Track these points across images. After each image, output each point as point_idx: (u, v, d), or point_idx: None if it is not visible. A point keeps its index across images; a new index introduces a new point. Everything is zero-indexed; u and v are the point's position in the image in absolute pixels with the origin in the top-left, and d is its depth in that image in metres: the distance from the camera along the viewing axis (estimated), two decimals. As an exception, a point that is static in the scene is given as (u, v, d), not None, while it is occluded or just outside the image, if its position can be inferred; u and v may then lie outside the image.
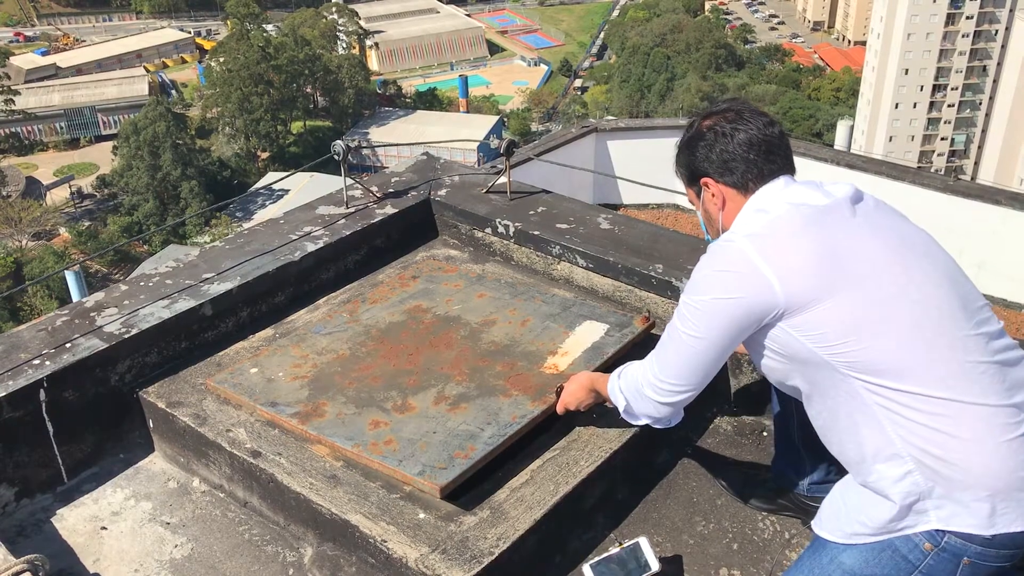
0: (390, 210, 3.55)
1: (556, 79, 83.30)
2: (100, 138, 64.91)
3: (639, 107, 69.19)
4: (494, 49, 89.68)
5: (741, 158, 2.00)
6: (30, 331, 2.77)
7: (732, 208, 2.04)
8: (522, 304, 3.07)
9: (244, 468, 2.52)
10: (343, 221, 3.45)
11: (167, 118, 54.53)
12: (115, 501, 2.62)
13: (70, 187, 58.24)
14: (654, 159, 2.81)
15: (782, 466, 2.51)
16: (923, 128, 70.47)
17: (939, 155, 70.49)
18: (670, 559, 2.38)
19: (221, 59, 61.32)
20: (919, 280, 1.83)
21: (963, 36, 68.47)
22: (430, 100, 73.34)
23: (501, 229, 3.46)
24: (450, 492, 2.31)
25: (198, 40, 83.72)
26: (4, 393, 2.49)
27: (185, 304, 2.89)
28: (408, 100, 74.60)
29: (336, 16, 73.83)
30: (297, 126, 65.48)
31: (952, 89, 70.10)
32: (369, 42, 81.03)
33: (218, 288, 2.99)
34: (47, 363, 2.60)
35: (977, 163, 68.92)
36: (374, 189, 3.68)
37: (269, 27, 67.60)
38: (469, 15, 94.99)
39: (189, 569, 2.39)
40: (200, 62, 74.93)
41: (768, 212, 1.94)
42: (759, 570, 2.36)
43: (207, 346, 2.96)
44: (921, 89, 69.66)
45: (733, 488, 2.61)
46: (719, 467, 2.73)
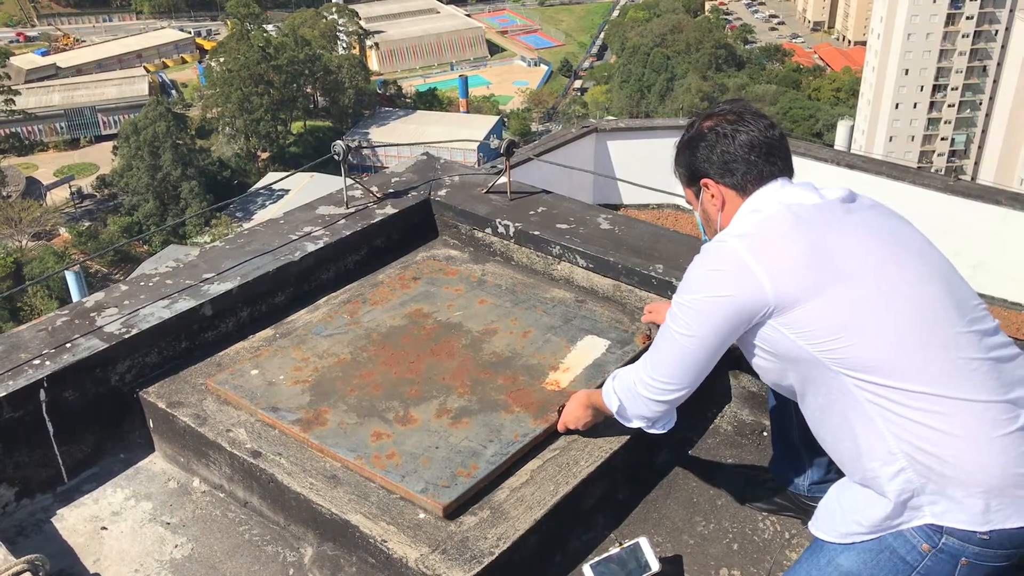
0: (390, 210, 3.55)
1: (556, 79, 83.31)
2: (100, 138, 64.95)
3: (639, 107, 69.20)
4: (494, 49, 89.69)
5: (742, 159, 2.01)
6: (30, 331, 2.77)
7: (731, 209, 2.05)
8: (523, 313, 3.07)
9: (244, 468, 2.52)
10: (343, 221, 3.45)
11: (167, 118, 54.55)
12: (115, 501, 2.62)
13: (70, 187, 58.26)
14: (654, 159, 2.81)
15: (782, 466, 2.51)
16: (923, 128, 70.49)
17: (939, 155, 70.51)
18: (670, 559, 2.39)
19: (221, 59, 61.35)
20: (912, 278, 1.84)
21: (963, 36, 68.48)
22: (430, 100, 73.37)
23: (501, 229, 3.46)
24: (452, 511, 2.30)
25: (198, 40, 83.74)
26: (4, 393, 2.49)
27: (185, 304, 2.89)
28: (408, 100, 74.63)
29: (336, 16, 73.85)
30: (297, 126, 65.50)
31: (952, 89, 70.11)
32: (369, 42, 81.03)
33: (218, 288, 2.99)
34: (47, 363, 2.60)
35: (977, 163, 68.93)
36: (374, 189, 3.68)
37: (269, 27, 67.59)
38: (469, 15, 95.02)
39: (189, 569, 2.39)
40: (200, 62, 74.97)
41: (760, 212, 1.96)
42: (759, 570, 2.36)
43: (207, 346, 2.96)
44: (921, 89, 69.67)
45: (733, 489, 2.61)
46: (719, 467, 2.73)
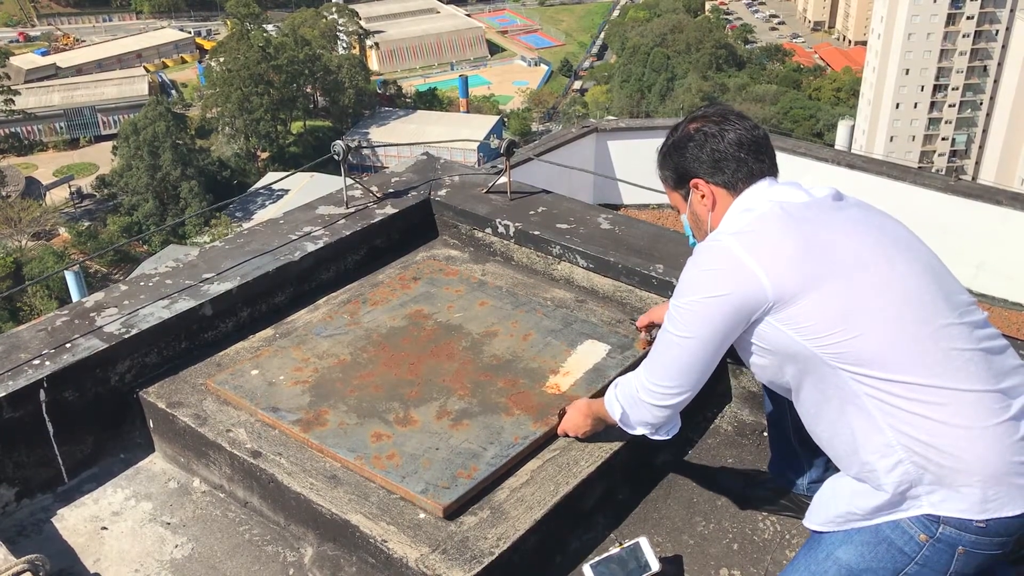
0: (390, 210, 3.55)
1: (556, 79, 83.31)
2: (100, 138, 64.92)
3: (639, 107, 69.18)
4: (494, 49, 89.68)
5: (732, 157, 2.02)
6: (30, 331, 2.77)
7: (721, 208, 2.06)
8: (524, 316, 3.07)
9: (244, 468, 2.52)
10: (343, 221, 3.45)
11: (167, 118, 54.53)
12: (115, 501, 2.62)
13: (70, 187, 58.25)
14: (654, 159, 2.80)
15: (780, 466, 2.52)
16: (924, 128, 70.48)
17: (940, 155, 70.50)
18: (670, 559, 2.39)
19: (221, 59, 61.32)
20: (902, 272, 1.86)
21: (963, 36, 68.46)
22: (430, 100, 73.35)
23: (501, 229, 3.46)
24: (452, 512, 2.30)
25: (198, 40, 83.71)
26: (4, 393, 2.49)
27: (185, 304, 2.89)
28: (408, 100, 74.60)
29: (336, 16, 73.82)
30: (297, 126, 65.48)
31: (953, 89, 70.10)
32: (369, 42, 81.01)
33: (218, 288, 2.99)
34: (47, 363, 2.60)
35: (978, 163, 68.93)
36: (374, 189, 3.68)
37: (269, 27, 67.58)
38: (469, 15, 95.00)
39: (189, 569, 2.39)
40: (200, 62, 74.95)
41: (752, 210, 1.97)
42: (759, 570, 2.36)
43: (207, 346, 2.96)
44: (922, 89, 69.65)
45: (733, 489, 2.61)
46: (719, 467, 2.73)
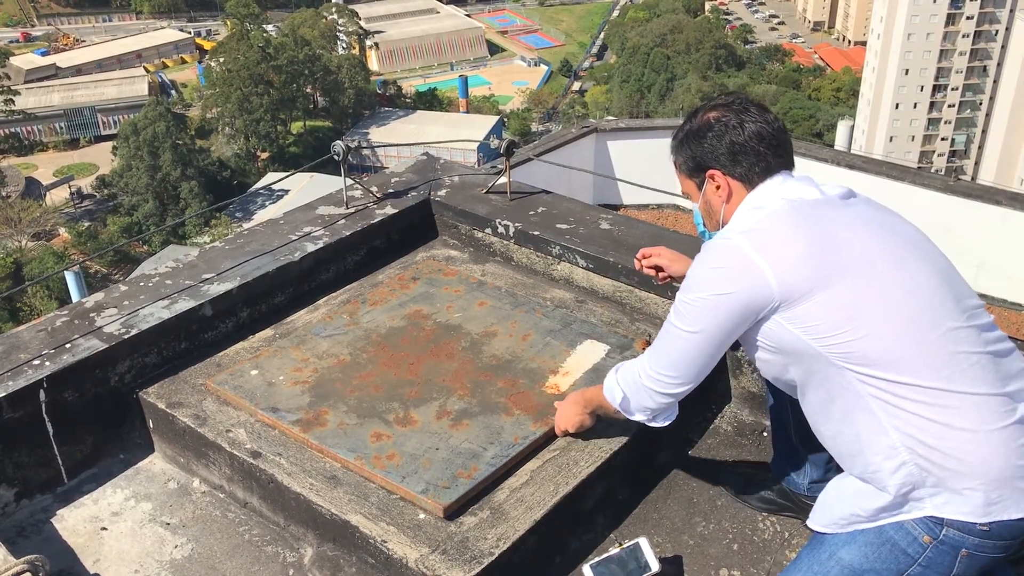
0: (390, 210, 3.55)
1: (556, 79, 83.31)
2: (100, 138, 64.93)
3: (639, 107, 69.19)
4: (494, 49, 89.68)
5: (752, 150, 2.00)
6: (30, 331, 2.77)
7: (736, 201, 2.04)
8: (523, 316, 3.07)
9: (244, 469, 2.52)
10: (343, 221, 3.45)
11: (167, 118, 54.54)
12: (115, 501, 2.62)
13: (70, 187, 58.26)
14: (654, 159, 2.81)
15: (781, 465, 2.52)
16: (923, 128, 70.48)
17: (939, 155, 70.52)
18: (670, 559, 2.38)
19: (221, 59, 61.34)
20: (911, 272, 1.85)
21: (963, 36, 68.47)
22: (430, 100, 73.35)
23: (501, 229, 3.46)
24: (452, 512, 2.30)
25: (198, 40, 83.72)
26: (4, 393, 2.49)
27: (185, 304, 2.89)
28: (408, 100, 74.61)
29: (336, 16, 73.85)
30: (297, 126, 65.48)
31: (952, 89, 70.11)
32: (369, 42, 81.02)
33: (218, 288, 2.99)
34: (47, 363, 2.60)
35: (977, 163, 68.93)
36: (374, 189, 3.68)
37: (269, 27, 67.61)
38: (469, 15, 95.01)
39: (189, 569, 2.39)
40: (200, 62, 74.94)
41: (763, 208, 1.96)
42: (759, 570, 2.36)
43: (207, 346, 2.96)
44: (921, 89, 69.67)
45: (733, 489, 2.61)
46: (719, 467, 2.73)
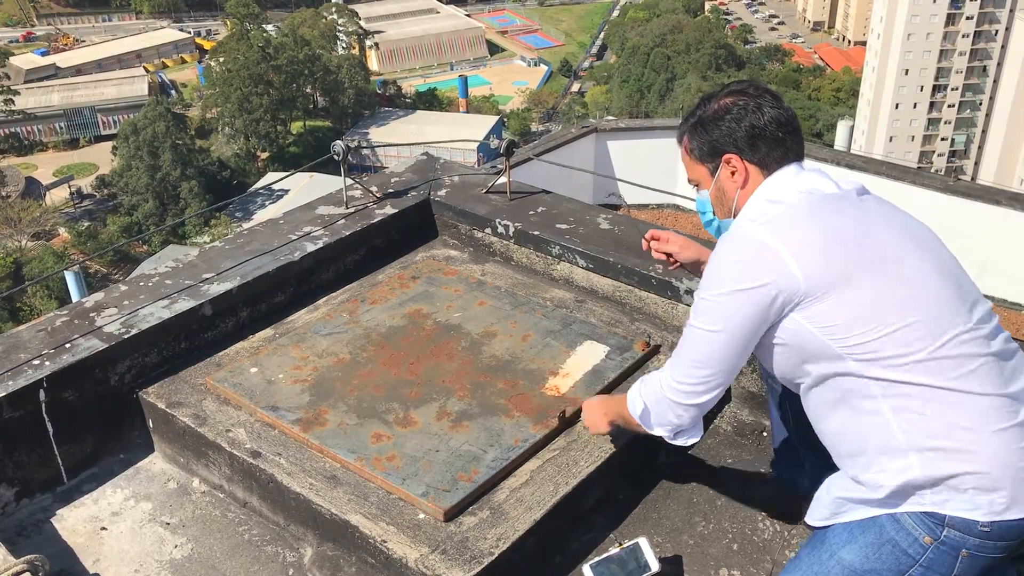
0: (390, 210, 3.55)
1: (556, 79, 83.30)
2: (100, 138, 64.93)
3: (639, 107, 69.21)
4: (494, 49, 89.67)
5: (771, 135, 1.98)
6: (30, 331, 2.77)
7: (751, 187, 2.01)
8: (523, 316, 3.07)
9: (244, 468, 2.52)
10: (343, 221, 3.45)
11: (167, 118, 54.52)
12: (115, 501, 2.62)
13: (69, 187, 58.25)
14: (654, 159, 2.81)
15: (782, 467, 2.51)
16: (923, 128, 70.49)
17: (939, 155, 70.52)
18: (670, 559, 2.38)
19: (221, 59, 61.35)
20: (925, 272, 1.85)
21: (963, 36, 68.48)
22: (430, 100, 73.34)
23: (501, 229, 3.46)
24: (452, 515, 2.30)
25: (198, 40, 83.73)
26: (4, 393, 2.48)
27: (185, 304, 2.89)
28: (408, 100, 74.60)
29: (336, 16, 73.84)
30: (297, 126, 65.48)
31: (952, 89, 70.12)
32: (369, 42, 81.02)
33: (218, 288, 2.98)
34: (47, 363, 2.60)
35: (977, 163, 68.95)
36: (374, 189, 3.67)
37: (269, 27, 67.60)
38: (469, 15, 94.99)
39: (189, 569, 2.39)
40: (200, 62, 74.94)
41: (782, 201, 1.93)
42: (759, 570, 2.36)
43: (207, 346, 2.96)
44: (921, 89, 69.68)
45: (734, 489, 2.61)
46: (720, 468, 2.73)
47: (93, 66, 76.01)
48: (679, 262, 2.53)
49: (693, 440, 2.15)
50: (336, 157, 3.42)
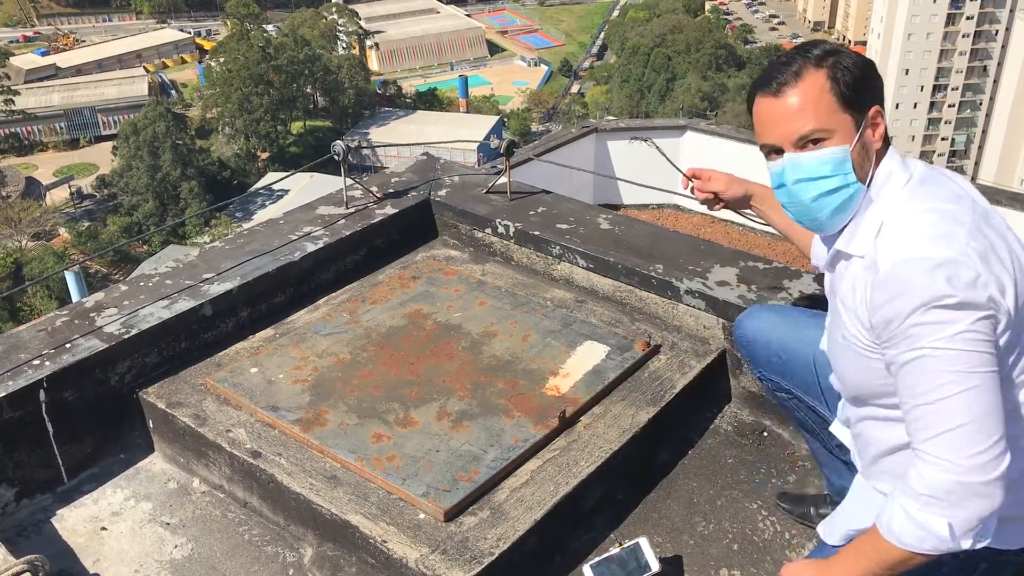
0: (390, 210, 3.55)
1: (556, 79, 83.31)
2: (100, 138, 64.93)
3: (639, 107, 69.19)
4: (494, 49, 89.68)
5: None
6: (30, 331, 2.77)
7: (882, 156, 1.73)
8: (523, 316, 3.07)
9: (244, 468, 2.52)
10: (343, 221, 3.45)
11: (167, 118, 54.52)
12: (115, 501, 2.62)
13: (70, 187, 58.25)
14: (654, 159, 2.80)
15: (838, 485, 2.31)
16: (923, 128, 70.55)
17: (939, 155, 70.55)
18: (670, 559, 2.38)
19: (221, 59, 61.34)
20: None
21: (963, 36, 68.56)
22: (430, 100, 73.34)
23: (501, 229, 3.46)
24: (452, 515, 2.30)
25: (198, 40, 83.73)
26: (4, 393, 2.49)
27: (185, 304, 2.89)
28: (408, 100, 74.60)
29: (336, 16, 73.86)
30: (297, 126, 65.48)
31: (952, 89, 70.18)
32: (369, 42, 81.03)
33: (218, 288, 2.99)
34: (47, 363, 2.60)
35: (977, 163, 69.00)
36: (374, 189, 3.68)
37: (269, 27, 67.61)
38: (469, 15, 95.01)
39: (189, 569, 2.39)
40: (200, 62, 74.95)
41: (937, 193, 1.67)
42: (759, 570, 2.36)
43: (207, 346, 2.96)
44: (921, 89, 69.74)
45: (806, 517, 2.48)
46: (720, 468, 2.72)
47: (93, 66, 76.03)
48: (723, 201, 2.31)
49: (993, 528, 1.57)
50: (336, 157, 3.43)
